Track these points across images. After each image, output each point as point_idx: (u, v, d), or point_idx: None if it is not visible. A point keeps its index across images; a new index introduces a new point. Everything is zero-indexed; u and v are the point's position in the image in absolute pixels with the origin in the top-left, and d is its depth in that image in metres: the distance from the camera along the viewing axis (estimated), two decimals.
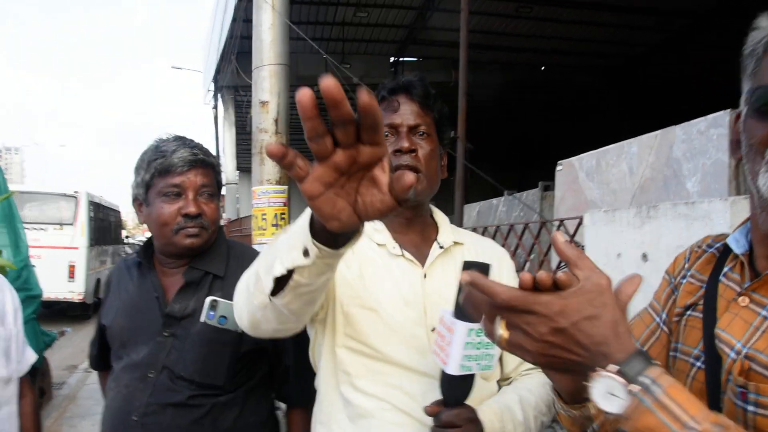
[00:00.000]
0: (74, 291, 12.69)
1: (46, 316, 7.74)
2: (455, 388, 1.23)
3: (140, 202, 1.79)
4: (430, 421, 1.26)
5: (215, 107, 16.89)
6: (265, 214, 6.19)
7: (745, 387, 0.90)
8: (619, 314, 0.77)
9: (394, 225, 1.50)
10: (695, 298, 1.08)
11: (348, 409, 1.39)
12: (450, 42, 12.57)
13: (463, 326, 1.15)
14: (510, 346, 0.79)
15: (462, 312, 1.16)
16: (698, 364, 1.01)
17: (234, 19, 10.34)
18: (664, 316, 1.14)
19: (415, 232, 1.51)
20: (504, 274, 1.55)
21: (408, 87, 1.48)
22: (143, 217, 1.78)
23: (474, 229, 4.95)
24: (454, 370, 1.17)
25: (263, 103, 6.43)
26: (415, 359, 1.37)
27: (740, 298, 0.98)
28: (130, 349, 1.72)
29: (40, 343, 4.76)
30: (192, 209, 1.69)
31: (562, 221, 3.49)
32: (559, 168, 6.24)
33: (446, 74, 13.85)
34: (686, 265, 1.14)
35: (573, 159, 5.93)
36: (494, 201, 8.31)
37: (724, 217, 1.96)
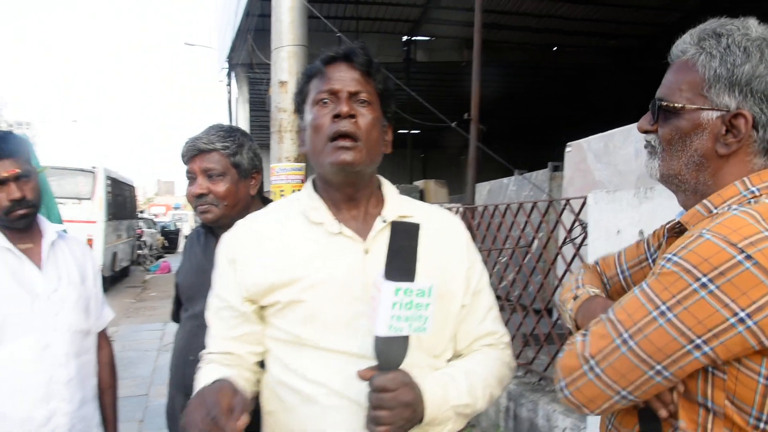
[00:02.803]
0: None
1: None
2: (388, 352, 1.21)
3: None
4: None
5: (229, 84, 17.03)
6: (283, 191, 6.42)
7: None
8: None
9: (336, 201, 1.46)
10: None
11: (289, 396, 1.40)
12: (462, 22, 12.65)
13: (389, 285, 1.15)
14: None
15: (392, 272, 1.18)
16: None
17: None
18: (654, 254, 1.40)
19: (357, 208, 1.47)
20: (458, 248, 1.53)
21: (350, 54, 1.43)
22: None
23: (485, 208, 5.16)
24: (383, 330, 1.17)
25: (282, 83, 6.62)
26: (350, 342, 1.34)
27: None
28: (195, 302, 2.03)
29: None
30: (196, 190, 2.03)
31: (567, 200, 3.70)
32: (568, 149, 6.42)
33: (458, 54, 13.96)
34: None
35: (582, 141, 6.11)
36: (504, 180, 8.48)
37: None
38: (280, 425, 1.43)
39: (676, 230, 1.24)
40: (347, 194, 1.46)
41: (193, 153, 2.05)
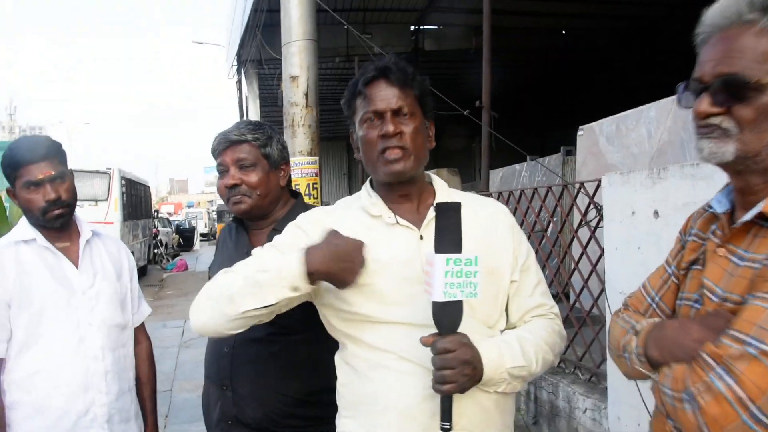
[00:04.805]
0: None
1: None
2: (445, 317, 1.36)
3: None
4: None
5: (239, 81, 17.10)
6: (298, 185, 6.49)
7: None
8: None
9: (393, 198, 1.62)
10: (697, 255, 1.27)
11: (361, 364, 1.55)
12: (470, 9, 12.60)
13: (440, 257, 1.31)
14: None
15: (440, 246, 1.33)
16: (696, 305, 1.21)
17: None
18: (673, 268, 1.33)
19: (410, 201, 1.63)
20: (503, 229, 1.65)
21: (386, 72, 1.57)
22: None
23: (499, 194, 5.19)
24: (439, 296, 1.31)
25: (293, 78, 6.66)
26: (413, 314, 1.49)
27: (719, 250, 1.18)
28: None
29: None
30: (229, 181, 2.06)
31: (582, 184, 3.73)
32: (580, 133, 6.43)
33: (467, 41, 13.87)
34: (693, 224, 1.33)
35: (593, 124, 6.12)
36: (517, 167, 8.50)
37: (725, 177, 2.20)
38: (355, 392, 1.59)
39: (751, 220, 1.12)
40: (401, 192, 1.63)
41: (224, 145, 2.08)
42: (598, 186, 3.35)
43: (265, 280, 1.45)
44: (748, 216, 1.12)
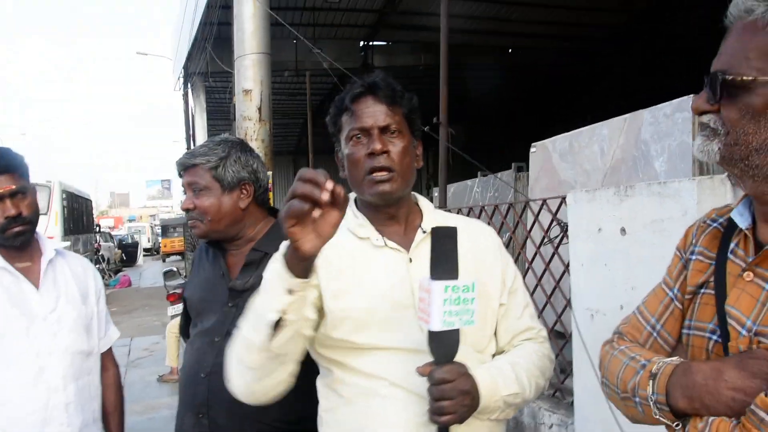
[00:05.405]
0: None
1: None
2: (442, 346, 1.31)
3: None
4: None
5: (185, 94, 16.84)
6: None
7: None
8: None
9: (379, 219, 1.57)
10: (706, 276, 1.13)
11: (349, 391, 1.48)
12: (419, 26, 12.76)
13: (439, 284, 1.26)
14: None
15: (437, 273, 1.28)
16: (714, 337, 1.06)
17: (209, 6, 10.39)
18: (676, 291, 1.19)
19: (398, 223, 1.58)
20: (491, 251, 1.63)
21: (374, 88, 1.52)
22: None
23: (458, 210, 5.22)
24: (437, 326, 1.26)
25: (246, 92, 6.59)
26: (404, 339, 1.44)
27: (745, 273, 1.03)
28: (203, 317, 2.01)
29: None
30: (183, 205, 2.06)
31: (544, 200, 3.77)
32: (533, 150, 6.53)
33: (415, 58, 14.09)
34: (694, 241, 1.19)
35: (546, 141, 6.22)
36: (468, 182, 8.57)
37: (692, 195, 2.25)
38: (341, 420, 1.51)
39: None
40: (388, 213, 1.58)
41: (179, 168, 2.07)
42: (561, 203, 3.39)
43: (260, 302, 1.33)
44: (741, 229, 1.03)
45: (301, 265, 1.24)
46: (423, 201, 1.68)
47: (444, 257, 1.29)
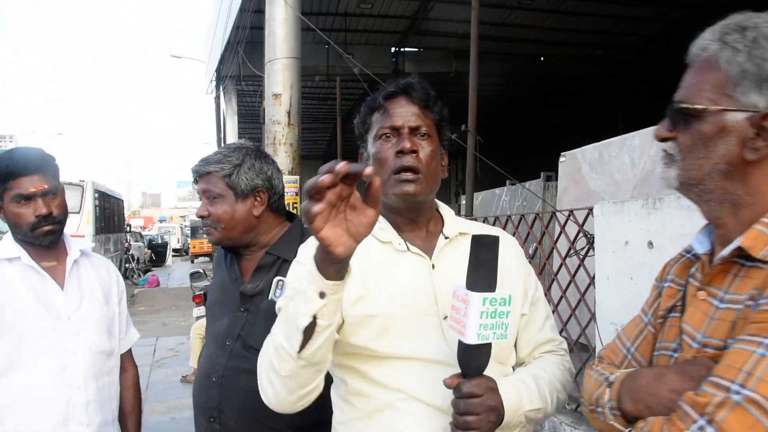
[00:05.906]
0: None
1: None
2: (473, 359, 1.26)
3: None
4: (448, 407, 1.29)
5: (217, 97, 17.03)
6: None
7: None
8: None
9: (400, 224, 1.54)
10: (674, 301, 1.21)
11: (365, 403, 1.44)
12: (450, 33, 12.74)
13: (477, 296, 1.20)
14: None
15: (475, 283, 1.22)
16: (675, 354, 1.14)
17: (242, 10, 10.50)
18: (650, 316, 1.26)
19: (420, 228, 1.56)
20: (514, 261, 1.58)
21: (408, 89, 1.51)
22: None
23: (484, 219, 5.18)
24: (472, 339, 1.20)
25: (276, 96, 6.63)
26: (425, 349, 1.40)
27: (698, 293, 1.13)
28: (217, 320, 2.01)
29: None
30: (198, 212, 2.06)
31: (571, 212, 3.71)
32: (562, 159, 6.46)
33: (446, 65, 14.04)
34: (669, 271, 1.27)
35: (576, 150, 6.14)
36: (497, 191, 8.51)
37: None
38: None
39: (730, 257, 1.08)
40: (410, 218, 1.55)
41: (194, 175, 2.08)
42: (588, 214, 3.34)
43: (292, 306, 1.25)
44: (726, 251, 1.07)
45: (334, 267, 1.17)
46: (444, 207, 1.65)
47: (484, 267, 1.24)
